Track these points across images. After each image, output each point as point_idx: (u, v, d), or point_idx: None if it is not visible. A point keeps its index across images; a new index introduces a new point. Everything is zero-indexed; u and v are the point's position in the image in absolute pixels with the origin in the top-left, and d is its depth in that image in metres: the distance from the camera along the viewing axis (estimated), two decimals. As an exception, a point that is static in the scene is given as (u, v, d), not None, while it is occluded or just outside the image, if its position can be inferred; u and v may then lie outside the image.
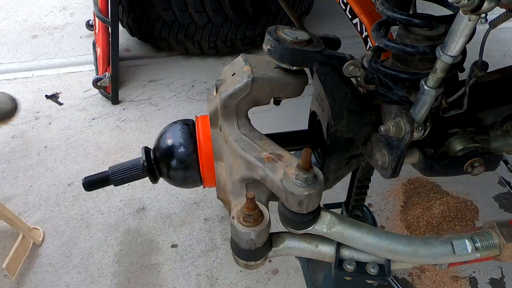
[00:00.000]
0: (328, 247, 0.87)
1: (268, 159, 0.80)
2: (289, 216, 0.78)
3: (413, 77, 0.81)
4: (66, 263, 1.59)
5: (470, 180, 1.87)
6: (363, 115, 0.83)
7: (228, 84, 0.87)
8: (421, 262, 0.86)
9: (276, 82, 0.86)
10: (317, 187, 0.73)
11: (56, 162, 1.93)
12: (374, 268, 0.87)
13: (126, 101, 2.29)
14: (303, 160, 0.71)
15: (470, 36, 0.65)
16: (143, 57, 2.60)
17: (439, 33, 0.79)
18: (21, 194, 1.81)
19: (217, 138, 0.89)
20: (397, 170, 0.84)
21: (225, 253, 1.62)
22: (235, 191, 0.87)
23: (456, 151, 0.92)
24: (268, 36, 0.84)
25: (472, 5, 0.59)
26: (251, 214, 0.78)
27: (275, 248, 0.87)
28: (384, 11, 0.79)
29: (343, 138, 0.85)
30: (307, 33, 0.85)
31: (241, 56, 0.90)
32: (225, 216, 1.75)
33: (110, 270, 1.57)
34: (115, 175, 0.97)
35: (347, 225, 0.82)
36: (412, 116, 0.78)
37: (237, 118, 0.87)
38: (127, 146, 2.04)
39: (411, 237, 0.84)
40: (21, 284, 1.52)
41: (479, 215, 1.76)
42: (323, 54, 0.83)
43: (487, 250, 0.84)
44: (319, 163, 0.95)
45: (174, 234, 1.69)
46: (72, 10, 3.00)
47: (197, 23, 2.33)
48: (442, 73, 0.71)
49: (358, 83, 0.88)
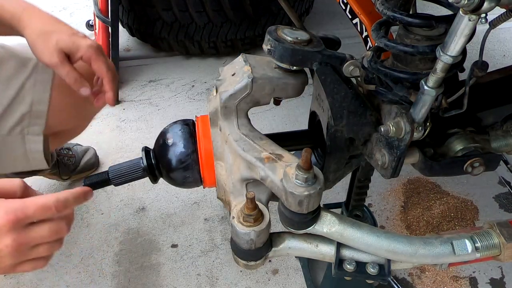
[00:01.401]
0: (328, 247, 0.87)
1: (268, 159, 0.80)
2: (289, 216, 0.78)
3: (413, 77, 0.81)
4: (66, 263, 1.59)
5: (470, 180, 1.87)
6: (363, 115, 0.83)
7: (228, 84, 0.87)
8: (421, 262, 0.86)
9: (276, 82, 0.86)
10: (317, 187, 0.73)
11: (56, 162, 1.93)
12: (374, 268, 0.87)
13: (126, 101, 2.29)
14: (303, 160, 0.71)
15: (470, 36, 0.65)
16: (143, 57, 2.60)
17: (439, 33, 0.79)
18: (21, 194, 1.81)
19: (217, 138, 0.89)
20: (397, 170, 0.84)
21: (225, 253, 1.62)
22: (235, 191, 0.87)
23: (456, 151, 0.92)
24: (268, 36, 0.84)
25: (472, 5, 0.59)
26: (251, 214, 0.78)
27: (275, 248, 0.87)
28: (384, 11, 0.79)
29: (343, 138, 0.85)
30: (307, 33, 0.86)
31: (241, 56, 0.90)
32: (225, 216, 1.75)
33: (110, 270, 1.57)
34: (115, 175, 0.97)
35: (347, 225, 0.82)
36: (412, 116, 0.78)
37: (237, 118, 0.87)
38: (127, 146, 2.04)
39: (411, 237, 0.84)
40: (21, 284, 1.52)
41: (479, 215, 1.76)
42: (323, 54, 0.83)
43: (487, 250, 0.84)
44: (319, 163, 0.96)
45: (174, 234, 1.69)
46: (72, 10, 3.00)
47: (197, 23, 2.33)
48: (442, 73, 0.71)
49: (358, 83, 0.88)
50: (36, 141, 1.15)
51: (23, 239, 0.69)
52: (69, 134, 1.36)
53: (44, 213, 0.71)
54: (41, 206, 0.70)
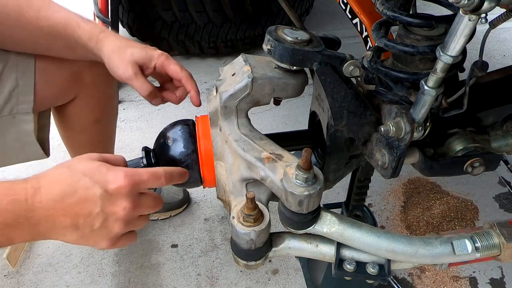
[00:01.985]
0: (328, 247, 0.87)
1: (268, 159, 0.80)
2: (289, 216, 0.78)
3: (413, 77, 0.81)
4: (66, 263, 1.59)
5: (470, 180, 1.87)
6: (363, 115, 0.83)
7: (228, 84, 0.87)
8: (421, 262, 0.86)
9: (276, 82, 0.86)
10: (317, 187, 0.73)
11: (56, 162, 1.92)
12: (374, 268, 0.87)
13: (126, 101, 2.29)
14: (303, 160, 0.71)
15: (470, 36, 0.65)
16: (143, 57, 2.60)
17: (439, 33, 0.79)
18: (21, 194, 1.81)
19: (217, 138, 0.89)
20: (397, 170, 0.84)
21: (225, 253, 1.63)
22: (235, 191, 0.87)
23: (456, 151, 0.92)
24: (268, 36, 0.84)
25: (472, 5, 0.59)
26: (251, 214, 0.78)
27: (275, 248, 0.87)
28: (384, 11, 0.79)
29: (343, 138, 0.85)
30: (307, 33, 0.85)
31: (241, 56, 0.90)
32: (225, 216, 1.75)
33: (110, 270, 1.57)
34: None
35: (347, 225, 0.82)
36: (412, 116, 0.78)
37: (237, 118, 0.87)
38: (127, 146, 2.04)
39: (411, 237, 0.84)
40: (21, 284, 1.52)
41: (479, 215, 1.76)
42: (323, 54, 0.83)
43: (487, 250, 0.84)
44: (319, 163, 0.95)
45: (174, 234, 1.69)
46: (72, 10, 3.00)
47: (197, 23, 2.33)
48: (442, 73, 0.71)
49: (358, 83, 0.88)
50: (27, 121, 1.14)
51: (137, 204, 0.73)
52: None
53: (156, 181, 0.75)
54: (153, 175, 0.75)
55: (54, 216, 0.69)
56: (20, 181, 0.71)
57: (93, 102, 1.32)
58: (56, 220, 0.69)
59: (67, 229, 0.70)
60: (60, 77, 1.19)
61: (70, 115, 1.34)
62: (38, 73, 1.13)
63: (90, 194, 0.70)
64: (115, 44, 1.01)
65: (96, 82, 1.27)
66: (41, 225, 0.69)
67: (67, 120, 1.38)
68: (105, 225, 0.71)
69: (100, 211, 0.70)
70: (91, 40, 1.02)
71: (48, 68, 1.15)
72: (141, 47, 1.02)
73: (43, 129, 1.24)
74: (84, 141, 1.45)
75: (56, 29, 1.03)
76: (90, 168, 0.72)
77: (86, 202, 0.70)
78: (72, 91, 1.26)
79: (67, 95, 1.26)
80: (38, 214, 0.68)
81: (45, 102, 1.21)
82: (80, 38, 1.03)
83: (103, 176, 0.71)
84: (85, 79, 1.24)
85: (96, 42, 1.02)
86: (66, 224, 0.70)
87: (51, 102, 1.26)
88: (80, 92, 1.27)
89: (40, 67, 1.14)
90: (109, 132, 1.53)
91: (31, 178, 0.72)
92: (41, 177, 0.72)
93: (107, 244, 0.74)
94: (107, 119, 1.48)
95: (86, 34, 1.03)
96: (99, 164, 0.73)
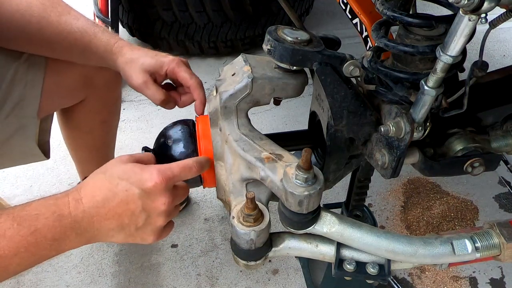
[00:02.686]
0: (328, 247, 0.87)
1: (268, 159, 0.80)
2: (289, 216, 0.78)
3: (413, 77, 0.81)
4: (66, 263, 1.59)
5: (470, 180, 1.87)
6: (363, 115, 0.83)
7: (228, 84, 0.87)
8: (421, 262, 0.86)
9: (276, 82, 0.86)
10: (317, 187, 0.73)
11: (56, 162, 1.93)
12: (374, 268, 0.87)
13: (126, 101, 2.29)
14: (303, 160, 0.71)
15: (470, 36, 0.65)
16: (143, 57, 2.60)
17: (439, 33, 0.79)
18: (21, 194, 1.81)
19: (217, 138, 0.89)
20: (397, 170, 0.84)
21: (225, 253, 1.62)
22: (235, 191, 0.87)
23: (456, 151, 0.92)
24: (268, 36, 0.84)
25: (472, 5, 0.59)
26: (251, 214, 0.78)
27: (275, 248, 0.87)
28: (384, 11, 0.79)
29: (343, 138, 0.85)
30: (307, 33, 0.85)
31: (241, 56, 0.90)
32: (225, 216, 1.75)
33: (110, 270, 1.57)
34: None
35: (347, 225, 0.82)
36: (412, 116, 0.78)
37: (237, 118, 0.87)
38: (127, 146, 2.04)
39: (411, 237, 0.84)
40: (21, 284, 1.52)
41: (479, 215, 1.76)
42: (323, 54, 0.83)
43: (487, 250, 0.84)
44: (319, 163, 0.96)
45: (174, 234, 1.69)
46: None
47: (197, 23, 2.33)
48: (442, 73, 0.71)
49: (358, 83, 0.88)
50: (31, 126, 1.16)
51: (174, 197, 0.77)
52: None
53: (188, 173, 0.79)
54: (183, 167, 0.78)
55: (98, 221, 0.73)
56: (62, 195, 0.74)
57: (101, 103, 1.34)
58: (102, 224, 0.73)
59: (114, 231, 0.75)
60: (71, 79, 1.20)
61: (78, 117, 1.36)
62: (49, 74, 1.14)
63: (130, 196, 0.73)
64: (128, 56, 1.03)
65: (106, 85, 1.28)
66: (87, 233, 0.73)
67: (74, 121, 1.39)
68: (149, 221, 0.76)
69: (141, 209, 0.74)
70: (106, 51, 1.05)
71: (59, 70, 1.16)
72: (152, 55, 1.03)
73: (44, 133, 1.26)
74: (89, 141, 1.46)
75: (74, 36, 1.05)
76: (125, 170, 0.75)
77: (127, 203, 0.73)
78: (82, 93, 1.27)
79: (77, 97, 1.28)
80: (83, 224, 0.72)
81: (54, 104, 1.22)
82: (96, 47, 1.05)
83: (138, 176, 0.74)
84: (95, 81, 1.25)
85: (111, 53, 1.04)
86: (111, 226, 0.74)
87: (60, 104, 1.27)
88: (90, 94, 1.29)
89: (52, 69, 1.15)
90: (113, 132, 1.55)
91: (71, 190, 0.75)
92: (81, 187, 0.75)
93: (153, 238, 0.79)
94: (112, 119, 1.49)
95: (102, 44, 1.05)
96: (132, 166, 0.76)
